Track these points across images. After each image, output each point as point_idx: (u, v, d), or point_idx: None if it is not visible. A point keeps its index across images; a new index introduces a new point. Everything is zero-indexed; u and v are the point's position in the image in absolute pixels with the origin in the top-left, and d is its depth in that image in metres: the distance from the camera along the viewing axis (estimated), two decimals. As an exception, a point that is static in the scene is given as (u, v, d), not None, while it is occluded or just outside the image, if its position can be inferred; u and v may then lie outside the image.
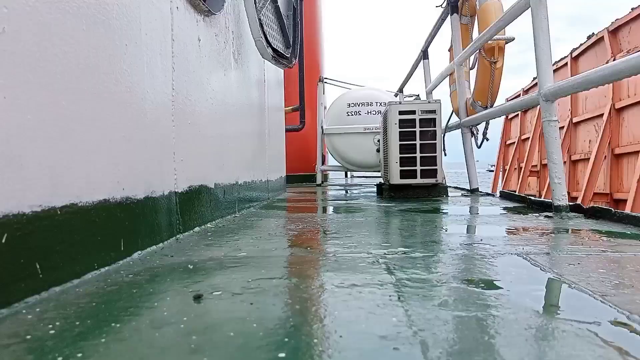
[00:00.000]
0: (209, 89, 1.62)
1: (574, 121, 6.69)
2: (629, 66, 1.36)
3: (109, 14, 0.96)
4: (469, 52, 3.11)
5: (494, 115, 3.03)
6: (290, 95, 4.59)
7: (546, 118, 1.85)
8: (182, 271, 0.91)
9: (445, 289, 0.75)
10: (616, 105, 5.52)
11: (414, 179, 2.86)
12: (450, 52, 3.91)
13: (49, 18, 0.77)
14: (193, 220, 1.46)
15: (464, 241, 1.21)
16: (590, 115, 6.24)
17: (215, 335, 0.56)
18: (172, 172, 1.30)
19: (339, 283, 0.80)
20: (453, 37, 3.61)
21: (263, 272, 0.89)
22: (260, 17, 1.98)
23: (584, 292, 0.72)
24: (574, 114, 6.72)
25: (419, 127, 2.85)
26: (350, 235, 1.34)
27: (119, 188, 1.00)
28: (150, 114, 1.16)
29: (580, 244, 1.14)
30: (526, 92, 9.00)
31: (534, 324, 0.58)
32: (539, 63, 1.88)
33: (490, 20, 2.91)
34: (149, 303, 0.70)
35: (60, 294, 0.75)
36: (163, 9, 1.25)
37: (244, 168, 2.16)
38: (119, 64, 1.01)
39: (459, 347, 0.51)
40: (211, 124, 1.65)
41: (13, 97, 0.69)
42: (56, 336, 0.57)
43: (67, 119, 0.82)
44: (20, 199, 0.70)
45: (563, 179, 1.81)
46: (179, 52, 1.35)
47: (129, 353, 0.52)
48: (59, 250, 0.79)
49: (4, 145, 0.67)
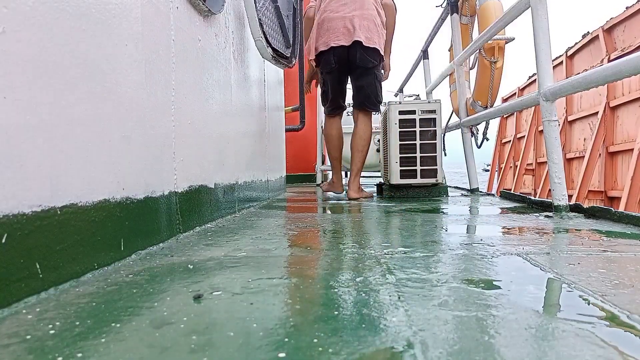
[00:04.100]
0: (209, 88, 1.62)
1: (569, 119, 6.72)
2: (630, 66, 1.36)
3: (108, 13, 0.96)
4: (469, 52, 3.11)
5: (494, 115, 3.03)
6: (290, 95, 4.59)
7: (546, 118, 1.85)
8: (182, 271, 0.91)
9: (445, 288, 0.75)
10: (611, 104, 5.55)
11: (414, 178, 2.86)
12: (450, 52, 3.90)
13: (49, 18, 0.77)
14: (193, 220, 1.46)
15: (464, 241, 1.21)
16: (585, 113, 6.26)
17: (215, 335, 0.56)
18: (172, 172, 1.30)
19: (339, 282, 0.80)
20: (453, 37, 3.61)
21: (263, 272, 0.89)
22: (260, 17, 1.98)
23: (584, 292, 0.72)
24: (569, 112, 6.75)
25: (419, 127, 2.85)
26: (350, 235, 1.34)
27: (119, 188, 1.00)
28: (151, 114, 1.16)
29: (580, 244, 1.14)
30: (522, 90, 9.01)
31: (534, 324, 0.58)
32: (539, 62, 1.88)
33: (490, 20, 2.91)
34: (149, 303, 0.70)
35: (60, 294, 0.75)
36: (163, 9, 1.25)
37: (244, 168, 2.16)
38: (119, 63, 1.01)
39: (459, 346, 0.51)
40: (211, 124, 1.65)
41: (13, 97, 0.69)
42: (56, 336, 0.57)
43: (67, 119, 0.82)
44: (20, 199, 0.70)
45: (563, 178, 1.81)
46: (179, 52, 1.35)
47: (129, 353, 0.52)
48: (59, 250, 0.79)
49: (4, 145, 0.67)
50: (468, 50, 3.08)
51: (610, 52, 5.52)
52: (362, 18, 2.63)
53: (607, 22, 5.60)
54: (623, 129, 5.37)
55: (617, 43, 5.48)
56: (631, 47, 5.12)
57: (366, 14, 2.64)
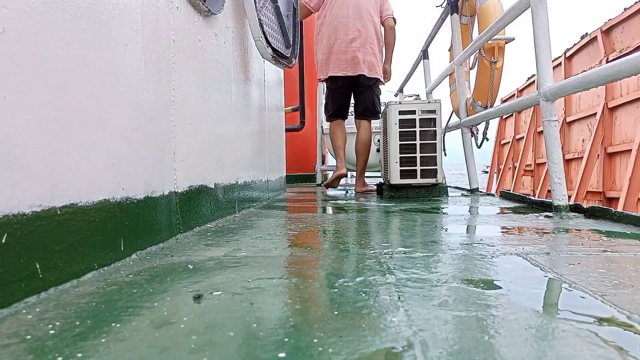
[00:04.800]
0: (208, 88, 1.62)
1: (567, 120, 6.72)
2: (630, 66, 1.36)
3: (108, 14, 0.96)
4: (469, 52, 3.11)
5: (493, 115, 3.03)
6: (290, 95, 4.59)
7: (546, 118, 1.85)
8: (182, 271, 0.91)
9: (445, 288, 0.75)
10: (609, 105, 5.56)
11: (414, 179, 2.86)
12: (450, 52, 3.91)
13: (49, 18, 0.77)
14: (193, 220, 1.46)
15: (464, 241, 1.21)
16: (583, 114, 6.28)
17: (215, 335, 0.56)
18: (172, 172, 1.30)
19: (340, 283, 0.80)
20: (453, 37, 3.61)
21: (263, 272, 0.89)
22: (260, 17, 1.98)
23: (584, 292, 0.72)
24: (568, 113, 6.76)
25: (419, 127, 2.85)
26: (350, 235, 1.34)
27: (119, 188, 1.00)
28: (151, 114, 1.16)
29: (580, 244, 1.14)
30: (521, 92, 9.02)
31: (534, 324, 0.58)
32: (539, 63, 1.88)
33: (490, 20, 2.91)
34: (149, 303, 0.70)
35: (60, 294, 0.75)
36: (163, 9, 1.25)
37: (244, 168, 2.16)
38: (119, 63, 1.01)
39: (459, 346, 0.51)
40: (211, 124, 1.65)
41: (13, 97, 0.69)
42: (56, 336, 0.57)
43: (67, 119, 0.82)
44: (20, 199, 0.70)
45: (563, 178, 1.81)
46: (179, 52, 1.35)
47: (129, 353, 0.52)
48: (59, 250, 0.79)
49: (4, 145, 0.67)
50: (468, 50, 3.08)
51: (608, 53, 5.53)
52: (366, 54, 3.25)
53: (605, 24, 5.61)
54: (621, 129, 5.38)
55: (616, 44, 5.49)
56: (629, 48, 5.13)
57: (368, 50, 3.25)
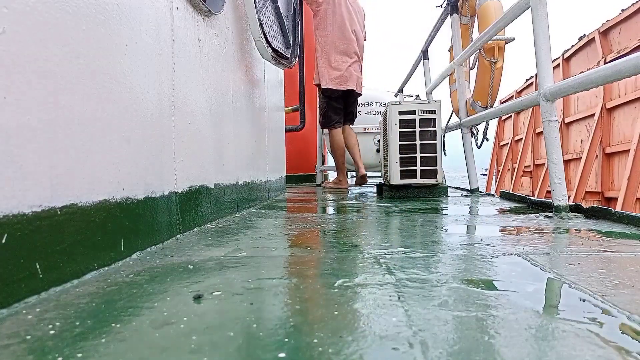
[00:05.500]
0: (209, 89, 1.63)
1: (566, 121, 6.73)
2: (630, 66, 1.36)
3: (108, 14, 0.96)
4: (469, 52, 3.11)
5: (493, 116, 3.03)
6: (290, 95, 4.59)
7: (546, 118, 1.85)
8: (182, 271, 0.91)
9: (445, 289, 0.75)
10: (607, 105, 5.57)
11: (414, 179, 2.86)
12: (450, 52, 3.91)
13: (49, 18, 0.77)
14: (193, 221, 1.46)
15: (464, 241, 1.21)
16: (582, 115, 6.29)
17: (215, 335, 0.56)
18: (172, 172, 1.30)
19: (340, 283, 0.80)
20: (453, 37, 3.61)
21: (263, 272, 0.89)
22: (260, 18, 1.98)
23: (584, 292, 0.72)
24: (566, 114, 6.77)
25: (419, 127, 2.85)
26: (350, 236, 1.34)
27: (119, 188, 1.00)
28: (151, 114, 1.16)
29: (580, 244, 1.14)
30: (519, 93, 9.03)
31: (534, 324, 0.58)
32: (539, 63, 1.88)
33: (490, 20, 2.91)
34: (149, 303, 0.70)
35: (60, 294, 0.75)
36: (163, 9, 1.25)
37: (244, 168, 2.16)
38: (119, 64, 1.01)
39: (459, 347, 0.51)
40: (211, 124, 1.65)
41: (13, 97, 0.69)
42: (56, 336, 0.57)
43: (67, 119, 0.82)
44: (20, 199, 0.70)
45: (563, 179, 1.81)
46: (179, 53, 1.35)
47: (129, 353, 0.52)
48: (59, 250, 0.79)
49: (3, 145, 0.67)
50: (468, 50, 3.09)
51: (606, 54, 5.54)
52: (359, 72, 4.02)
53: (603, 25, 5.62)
54: (619, 130, 5.39)
55: (613, 45, 5.50)
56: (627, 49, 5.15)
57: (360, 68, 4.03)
